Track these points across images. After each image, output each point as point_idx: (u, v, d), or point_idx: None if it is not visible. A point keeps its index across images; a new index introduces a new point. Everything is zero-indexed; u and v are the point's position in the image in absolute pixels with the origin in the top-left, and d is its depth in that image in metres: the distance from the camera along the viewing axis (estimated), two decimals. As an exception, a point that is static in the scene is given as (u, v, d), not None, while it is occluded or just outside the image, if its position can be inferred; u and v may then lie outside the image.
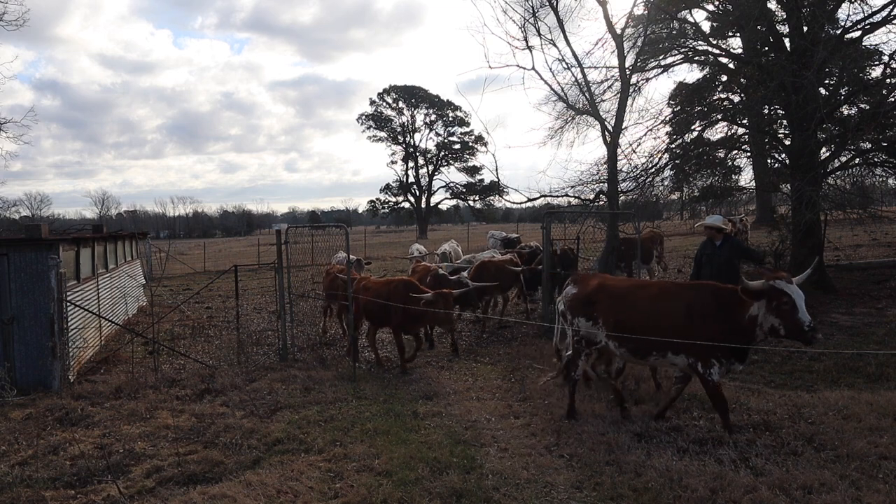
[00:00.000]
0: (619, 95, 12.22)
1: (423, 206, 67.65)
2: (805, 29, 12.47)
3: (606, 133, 11.72)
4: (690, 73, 54.74)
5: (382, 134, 67.04)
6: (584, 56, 14.70)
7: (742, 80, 13.84)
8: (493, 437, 6.05)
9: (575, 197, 13.29)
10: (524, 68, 12.19)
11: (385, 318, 9.10)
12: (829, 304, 11.65)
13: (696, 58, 14.57)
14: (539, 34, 11.99)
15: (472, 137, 65.79)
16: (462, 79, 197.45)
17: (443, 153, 67.39)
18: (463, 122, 65.73)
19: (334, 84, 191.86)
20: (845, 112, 12.81)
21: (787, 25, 13.36)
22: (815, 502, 4.42)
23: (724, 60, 14.52)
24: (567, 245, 12.73)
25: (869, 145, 12.80)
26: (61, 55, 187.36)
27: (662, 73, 14.39)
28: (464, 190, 67.22)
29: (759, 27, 12.99)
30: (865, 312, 10.99)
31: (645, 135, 13.87)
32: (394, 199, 68.61)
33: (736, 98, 14.97)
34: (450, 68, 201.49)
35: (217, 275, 19.74)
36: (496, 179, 13.50)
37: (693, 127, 14.39)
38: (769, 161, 15.90)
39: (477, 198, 67.04)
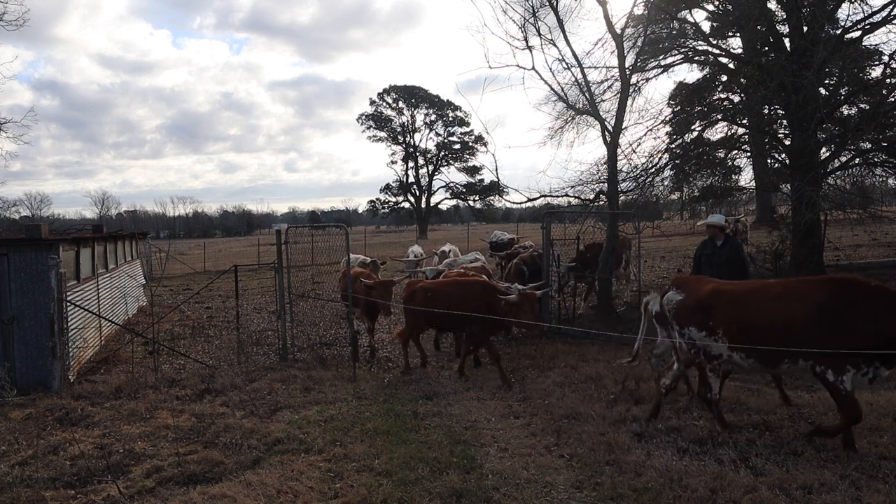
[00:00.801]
0: (619, 95, 12.21)
1: (423, 206, 67.67)
2: (805, 29, 12.49)
3: (606, 133, 11.72)
4: (690, 73, 54.66)
5: (382, 134, 67.11)
6: (584, 56, 14.68)
7: (742, 80, 13.86)
8: (493, 437, 6.05)
9: (575, 197, 13.28)
10: (524, 68, 12.18)
11: (454, 323, 8.25)
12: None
13: (696, 58, 14.58)
14: (539, 34, 11.98)
15: (472, 137, 65.84)
16: (462, 79, 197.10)
17: (443, 153, 67.43)
18: (463, 122, 65.79)
19: (333, 84, 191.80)
20: (845, 112, 12.83)
21: (787, 25, 13.38)
22: (815, 502, 4.42)
23: (724, 60, 14.54)
24: (535, 251, 12.65)
25: (869, 145, 12.82)
26: (60, 55, 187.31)
27: (662, 73, 14.41)
28: (464, 190, 67.26)
29: (759, 27, 13.01)
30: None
31: (645, 135, 13.88)
32: (394, 199, 68.66)
33: (736, 98, 14.99)
34: (450, 68, 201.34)
35: (217, 275, 19.74)
36: (496, 179, 13.49)
37: (693, 127, 14.40)
38: (769, 161, 15.93)
39: (477, 198, 67.08)
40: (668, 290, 6.17)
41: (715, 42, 14.42)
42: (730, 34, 14.78)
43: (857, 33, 12.11)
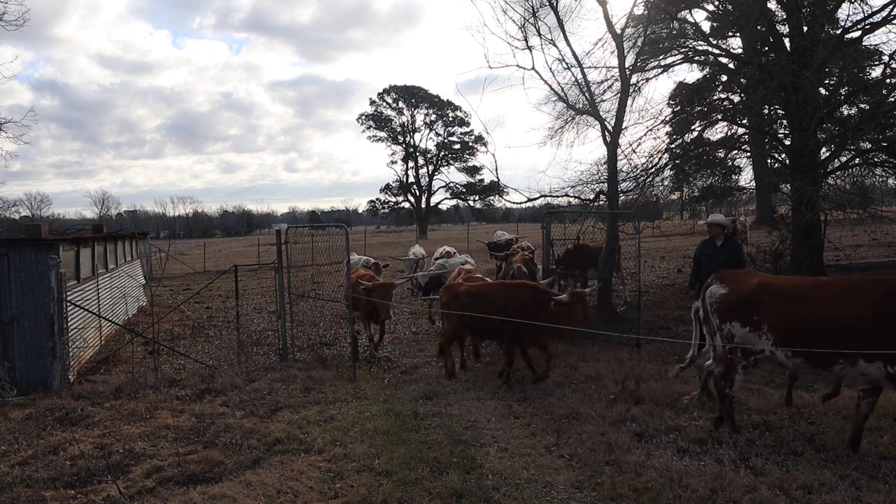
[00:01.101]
0: (619, 95, 12.21)
1: (423, 206, 67.69)
2: (805, 29, 12.48)
3: (606, 133, 11.72)
4: (690, 73, 54.71)
5: (382, 134, 67.14)
6: (584, 56, 14.68)
7: (742, 80, 13.86)
8: (493, 437, 6.05)
9: (575, 197, 13.29)
10: (524, 68, 12.17)
11: (498, 328, 7.78)
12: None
13: (696, 58, 14.59)
14: (539, 34, 11.97)
15: (472, 137, 65.87)
16: (462, 79, 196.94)
17: (443, 153, 67.44)
18: (463, 122, 65.82)
19: (333, 84, 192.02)
20: (845, 112, 12.83)
21: (787, 25, 13.38)
22: (815, 502, 4.43)
23: (724, 60, 14.54)
24: (526, 255, 12.53)
25: (869, 145, 12.82)
26: (60, 55, 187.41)
27: (662, 73, 14.41)
28: (464, 190, 67.28)
29: (759, 27, 13.00)
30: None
31: (645, 135, 13.89)
32: (394, 199, 68.70)
33: (736, 98, 14.99)
34: (449, 68, 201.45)
35: (217, 275, 19.74)
36: (496, 179, 13.48)
37: (693, 127, 14.41)
38: (769, 161, 15.93)
39: (477, 198, 67.10)
40: (711, 285, 5.92)
41: (715, 42, 14.42)
42: (730, 34, 14.78)
43: (857, 33, 12.11)
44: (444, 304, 8.54)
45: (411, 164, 67.34)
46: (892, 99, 11.60)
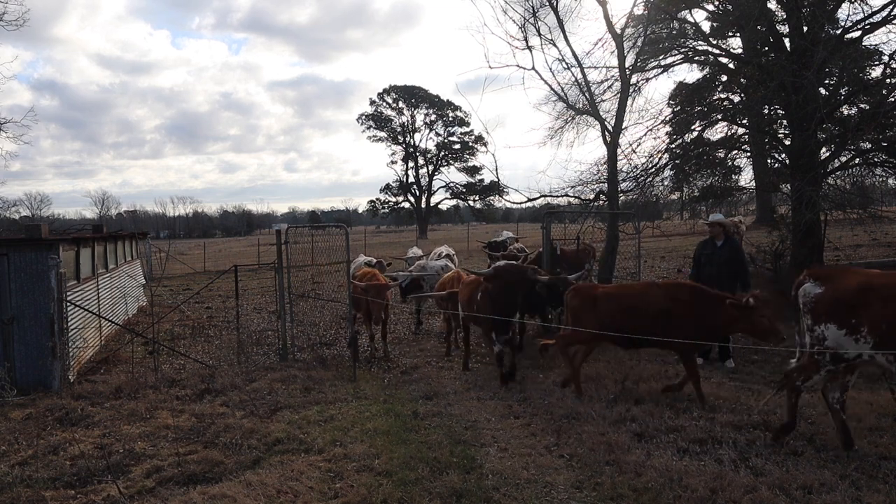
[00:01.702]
0: (619, 95, 12.24)
1: (423, 206, 67.70)
2: (805, 29, 12.47)
3: (606, 133, 11.73)
4: (690, 73, 54.56)
5: (382, 134, 67.21)
6: (584, 56, 14.69)
7: (742, 80, 13.85)
8: (493, 437, 6.05)
9: (575, 197, 13.31)
10: (524, 68, 12.22)
11: (654, 337, 6.47)
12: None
13: (696, 58, 14.57)
14: (539, 34, 12.02)
15: (472, 137, 65.94)
16: (462, 79, 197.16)
17: (443, 153, 67.48)
18: (463, 122, 65.88)
19: (333, 84, 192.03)
20: (845, 112, 12.82)
21: (787, 25, 13.37)
22: (815, 502, 4.42)
23: (724, 60, 14.52)
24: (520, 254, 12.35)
25: (869, 145, 12.80)
26: (59, 55, 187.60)
27: (662, 73, 14.40)
28: (464, 190, 67.33)
29: (759, 27, 12.99)
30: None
31: (645, 135, 13.89)
32: (394, 199, 68.75)
33: (736, 98, 14.97)
34: (450, 68, 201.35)
35: (217, 275, 19.73)
36: (496, 179, 13.54)
37: (693, 127, 14.39)
38: (769, 161, 15.90)
39: (477, 198, 67.16)
40: (805, 282, 5.40)
41: (715, 42, 14.41)
42: (730, 34, 14.76)
43: (857, 33, 12.10)
44: (579, 307, 7.26)
45: (411, 164, 67.44)
46: (892, 99, 11.58)
